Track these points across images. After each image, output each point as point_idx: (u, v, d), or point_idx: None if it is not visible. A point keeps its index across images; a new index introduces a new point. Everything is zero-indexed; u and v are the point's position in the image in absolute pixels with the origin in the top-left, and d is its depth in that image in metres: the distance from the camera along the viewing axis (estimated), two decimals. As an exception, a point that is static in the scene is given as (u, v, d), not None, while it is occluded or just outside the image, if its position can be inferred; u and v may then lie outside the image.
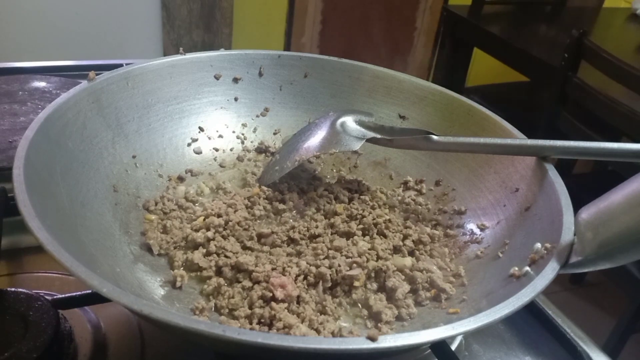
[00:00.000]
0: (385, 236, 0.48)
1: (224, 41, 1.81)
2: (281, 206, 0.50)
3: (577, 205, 0.38)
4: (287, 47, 2.03)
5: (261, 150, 0.58)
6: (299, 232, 0.47)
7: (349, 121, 0.53)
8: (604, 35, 1.82)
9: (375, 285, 0.43)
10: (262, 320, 0.38)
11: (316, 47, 2.09)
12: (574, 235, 0.37)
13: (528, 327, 0.48)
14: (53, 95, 0.69)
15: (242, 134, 0.58)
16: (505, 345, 0.46)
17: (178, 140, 0.54)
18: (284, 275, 0.42)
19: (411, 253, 0.47)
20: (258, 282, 0.41)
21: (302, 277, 0.42)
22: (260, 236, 0.47)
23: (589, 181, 1.58)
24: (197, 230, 0.46)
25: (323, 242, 0.46)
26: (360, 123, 0.53)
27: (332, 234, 0.48)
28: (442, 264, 0.46)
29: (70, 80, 0.73)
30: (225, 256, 0.44)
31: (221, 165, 0.56)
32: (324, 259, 0.44)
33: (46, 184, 0.38)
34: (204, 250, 0.44)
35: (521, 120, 0.60)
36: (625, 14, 1.97)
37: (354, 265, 0.43)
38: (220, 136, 0.57)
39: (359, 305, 0.42)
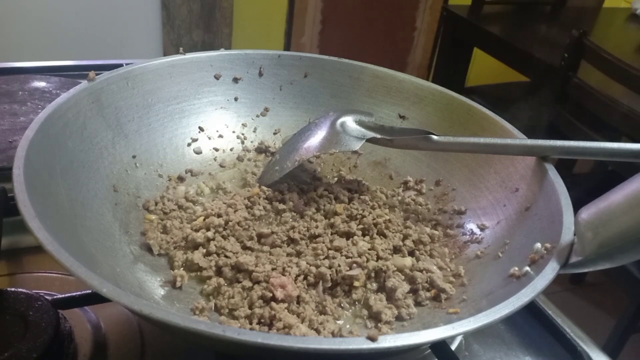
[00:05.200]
0: (385, 236, 0.48)
1: (224, 41, 1.81)
2: (281, 206, 0.50)
3: (577, 205, 0.38)
4: (287, 47, 2.03)
5: (261, 150, 0.58)
6: (299, 232, 0.47)
7: (349, 121, 0.53)
8: (604, 35, 1.82)
9: (375, 285, 0.43)
10: (262, 320, 0.38)
11: (316, 47, 2.09)
12: (574, 235, 0.37)
13: (528, 327, 0.48)
14: (53, 95, 0.69)
15: (242, 134, 0.58)
16: (505, 345, 0.46)
17: (178, 140, 0.54)
18: (284, 275, 0.42)
19: (411, 253, 0.47)
20: (258, 282, 0.41)
21: (302, 277, 0.42)
22: (260, 236, 0.47)
23: (589, 181, 1.58)
24: (197, 230, 0.46)
25: (323, 242, 0.46)
26: (360, 123, 0.53)
27: (332, 234, 0.48)
28: (442, 264, 0.46)
29: (70, 80, 0.73)
30: (225, 256, 0.44)
31: (221, 165, 0.56)
32: (324, 259, 0.44)
33: (46, 184, 0.38)
34: (204, 250, 0.44)
35: (521, 120, 0.60)
36: (625, 14, 1.97)
37: (354, 265, 0.43)
38: (220, 136, 0.57)
39: (359, 305, 0.42)
